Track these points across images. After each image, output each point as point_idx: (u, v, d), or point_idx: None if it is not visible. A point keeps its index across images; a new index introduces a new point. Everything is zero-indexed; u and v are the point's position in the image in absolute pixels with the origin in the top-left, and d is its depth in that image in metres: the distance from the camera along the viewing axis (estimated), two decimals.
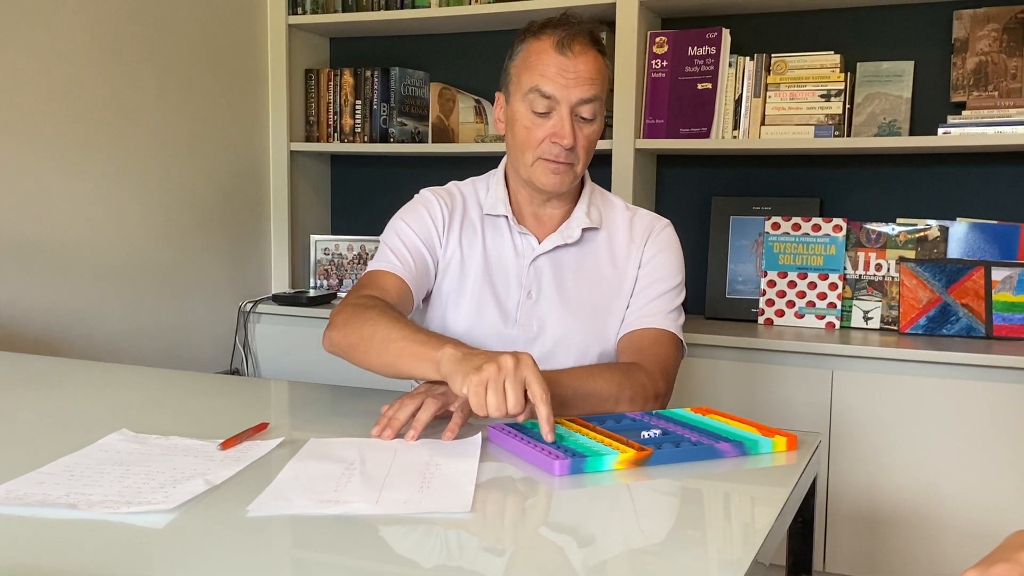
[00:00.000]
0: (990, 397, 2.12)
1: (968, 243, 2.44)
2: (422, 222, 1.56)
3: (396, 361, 1.28)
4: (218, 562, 0.81)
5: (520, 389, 1.12)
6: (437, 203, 1.58)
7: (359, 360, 1.36)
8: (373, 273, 1.52)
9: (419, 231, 1.56)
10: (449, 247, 1.57)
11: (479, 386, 1.12)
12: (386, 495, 0.97)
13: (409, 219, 1.57)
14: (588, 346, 1.53)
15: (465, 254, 1.56)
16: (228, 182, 2.96)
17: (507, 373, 1.12)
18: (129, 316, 2.61)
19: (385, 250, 1.55)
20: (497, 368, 1.12)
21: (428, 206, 1.58)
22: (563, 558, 0.86)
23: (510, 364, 1.12)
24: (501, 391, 1.11)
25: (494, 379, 1.11)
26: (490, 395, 1.11)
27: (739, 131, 2.54)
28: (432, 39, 3.11)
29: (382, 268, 1.52)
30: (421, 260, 1.54)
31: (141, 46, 2.60)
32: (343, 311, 1.40)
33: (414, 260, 1.53)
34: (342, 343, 1.37)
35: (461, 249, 1.56)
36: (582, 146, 1.48)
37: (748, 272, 2.66)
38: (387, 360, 1.29)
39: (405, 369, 1.27)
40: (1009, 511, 2.11)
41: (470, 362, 1.15)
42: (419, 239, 1.55)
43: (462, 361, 1.17)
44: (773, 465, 1.15)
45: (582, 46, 1.45)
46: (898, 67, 2.50)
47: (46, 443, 1.15)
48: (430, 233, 1.56)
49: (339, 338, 1.38)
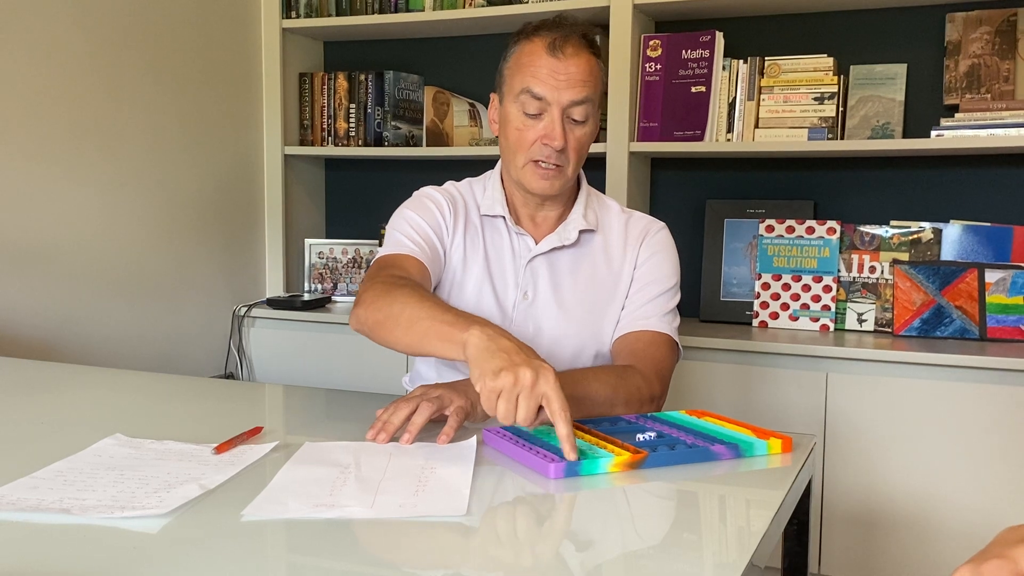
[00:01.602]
0: (984, 399, 2.13)
1: (961, 245, 2.45)
2: (431, 214, 1.55)
3: (422, 340, 1.25)
4: (212, 566, 0.81)
5: (534, 405, 1.10)
6: (443, 199, 1.57)
7: (385, 338, 1.32)
8: (390, 256, 1.48)
9: (429, 220, 1.54)
10: (455, 243, 1.56)
11: (492, 392, 1.10)
12: (381, 499, 0.97)
13: (418, 210, 1.55)
14: (583, 347, 1.53)
15: (468, 252, 1.56)
16: (222, 186, 2.95)
17: (523, 388, 1.09)
18: (123, 320, 2.60)
19: (397, 236, 1.52)
20: (514, 380, 1.09)
21: (434, 201, 1.56)
22: (559, 561, 0.86)
23: (528, 379, 1.09)
24: (513, 402, 1.09)
25: (508, 391, 1.09)
26: (501, 403, 1.10)
27: (733, 134, 2.55)
28: (426, 43, 3.11)
29: (398, 252, 1.49)
30: (433, 247, 1.52)
31: (135, 50, 2.60)
32: (372, 288, 1.36)
33: (427, 246, 1.51)
34: (369, 320, 1.34)
35: (465, 247, 1.56)
36: (573, 148, 1.48)
37: (742, 275, 2.66)
38: (414, 339, 1.26)
39: (431, 348, 1.24)
40: (1003, 512, 2.12)
41: (492, 361, 1.12)
42: (430, 227, 1.53)
43: (485, 353, 1.13)
44: (768, 467, 1.15)
45: (574, 48, 1.44)
46: (891, 70, 2.50)
47: (40, 448, 1.15)
48: (439, 224, 1.54)
49: (366, 315, 1.34)
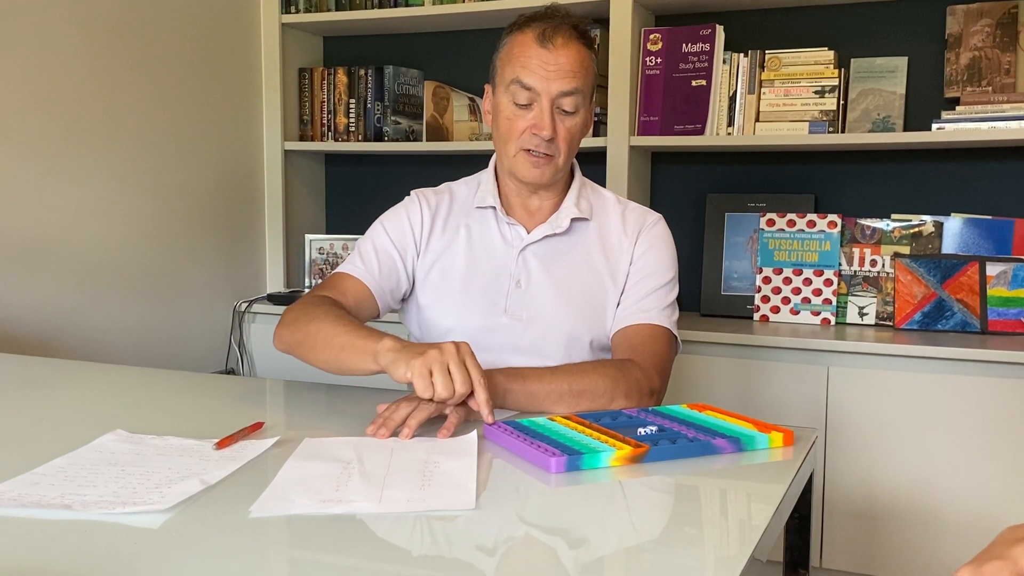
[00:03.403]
0: (985, 392, 2.13)
1: (963, 238, 2.44)
2: (399, 226, 1.58)
3: (338, 356, 1.32)
4: (214, 562, 0.81)
5: (464, 370, 1.17)
6: (419, 206, 1.60)
7: (305, 356, 1.40)
8: (338, 275, 1.56)
9: (394, 235, 1.58)
10: (431, 246, 1.58)
11: (423, 368, 1.16)
12: (388, 494, 0.97)
13: (388, 223, 1.60)
14: (579, 333, 1.52)
15: (447, 250, 1.57)
16: (222, 182, 2.95)
17: (450, 356, 1.17)
18: (124, 316, 2.60)
19: (356, 255, 1.59)
20: (439, 351, 1.17)
21: (409, 210, 1.60)
22: (560, 555, 0.86)
23: (452, 348, 1.18)
24: (446, 374, 1.16)
25: (438, 361, 1.16)
26: (436, 376, 1.16)
27: (733, 128, 2.54)
28: (426, 37, 3.10)
29: (348, 272, 1.55)
30: (390, 266, 1.56)
31: (133, 46, 2.60)
32: (293, 310, 1.45)
33: (380, 266, 1.56)
34: (290, 340, 1.42)
35: (443, 246, 1.58)
36: (563, 138, 1.48)
37: (743, 269, 2.66)
38: (330, 356, 1.33)
39: (347, 363, 1.31)
40: (1004, 505, 2.12)
41: (411, 350, 1.20)
42: (392, 244, 1.57)
43: (402, 351, 1.21)
44: (770, 461, 1.15)
45: (564, 39, 1.46)
46: (892, 63, 2.50)
47: (41, 444, 1.15)
48: (405, 237, 1.58)
49: (287, 335, 1.43)
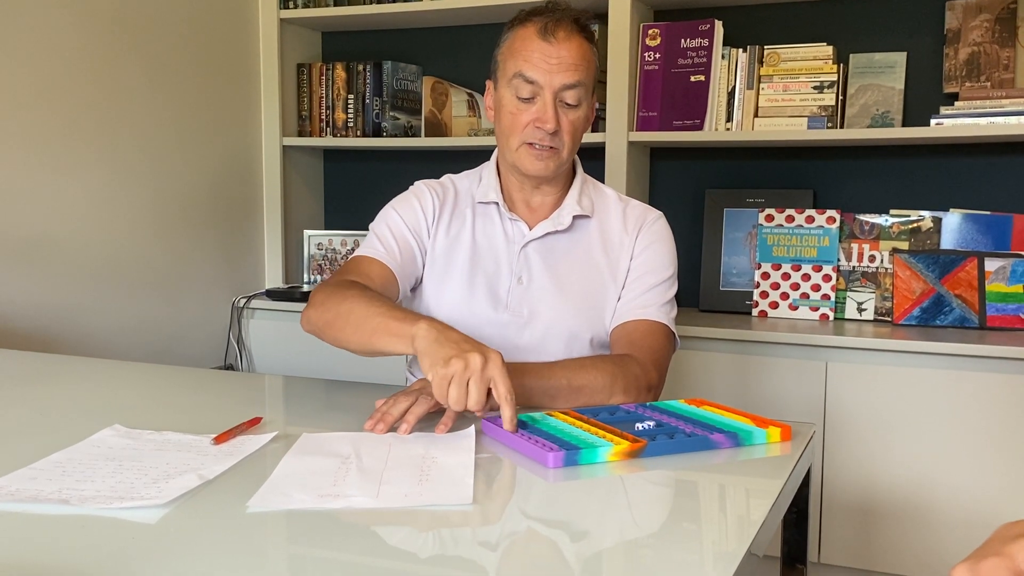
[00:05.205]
0: (983, 388, 2.13)
1: (961, 234, 2.44)
2: (412, 211, 1.58)
3: (371, 337, 1.28)
4: (211, 557, 0.81)
5: (484, 388, 1.14)
6: (429, 194, 1.59)
7: (335, 337, 1.36)
8: (358, 259, 1.53)
9: (408, 220, 1.57)
10: (438, 236, 1.58)
11: (443, 379, 1.14)
12: (385, 489, 0.97)
13: (400, 208, 1.59)
14: (579, 331, 1.53)
15: (453, 242, 1.57)
16: (220, 177, 2.95)
17: (473, 372, 1.13)
18: (122, 312, 2.60)
19: (373, 238, 1.56)
20: (464, 365, 1.13)
21: (420, 196, 1.59)
22: (558, 550, 0.86)
23: (478, 364, 1.13)
24: (464, 387, 1.13)
25: (459, 376, 1.13)
26: (452, 389, 1.13)
27: (732, 123, 2.54)
28: (424, 33, 3.10)
29: (367, 255, 1.53)
30: (408, 249, 1.55)
31: (131, 41, 2.59)
32: (322, 290, 1.42)
33: (400, 249, 1.54)
34: (319, 321, 1.38)
35: (449, 238, 1.57)
36: (567, 131, 1.48)
37: (742, 264, 2.66)
38: (363, 337, 1.30)
39: (380, 345, 1.28)
40: (1002, 500, 2.12)
41: (442, 350, 1.16)
42: (407, 228, 1.56)
43: (434, 344, 1.18)
44: (767, 456, 1.15)
45: (566, 32, 1.46)
46: (891, 58, 2.50)
47: (38, 439, 1.15)
48: (419, 222, 1.57)
49: (316, 316, 1.39)
